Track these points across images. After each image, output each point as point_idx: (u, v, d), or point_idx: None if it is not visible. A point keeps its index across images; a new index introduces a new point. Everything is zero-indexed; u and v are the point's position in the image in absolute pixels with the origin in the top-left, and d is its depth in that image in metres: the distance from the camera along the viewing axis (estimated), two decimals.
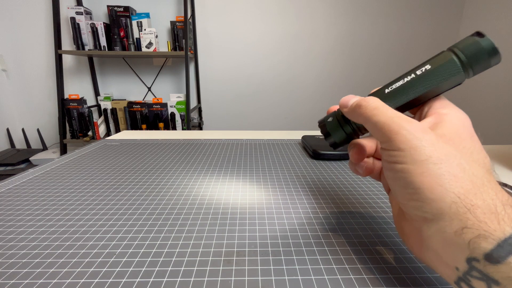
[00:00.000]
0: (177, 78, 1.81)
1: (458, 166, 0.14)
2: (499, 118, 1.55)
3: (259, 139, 0.55)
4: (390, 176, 0.16)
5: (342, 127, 0.20)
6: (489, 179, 0.14)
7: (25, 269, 0.18)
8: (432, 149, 0.14)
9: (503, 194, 0.13)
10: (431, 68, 0.16)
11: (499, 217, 0.13)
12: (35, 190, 0.31)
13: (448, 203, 0.13)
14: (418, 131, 0.15)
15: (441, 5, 1.75)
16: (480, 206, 0.13)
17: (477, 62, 0.15)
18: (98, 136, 1.65)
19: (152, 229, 0.23)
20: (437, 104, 0.17)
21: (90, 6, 1.62)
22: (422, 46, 1.83)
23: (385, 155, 0.16)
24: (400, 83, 0.17)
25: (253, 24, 1.73)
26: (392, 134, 0.15)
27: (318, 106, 1.94)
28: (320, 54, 1.82)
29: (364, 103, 0.17)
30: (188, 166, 0.39)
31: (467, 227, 0.13)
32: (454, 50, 0.16)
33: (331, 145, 0.21)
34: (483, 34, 0.15)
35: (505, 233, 0.12)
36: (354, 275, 0.18)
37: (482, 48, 0.15)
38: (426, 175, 0.14)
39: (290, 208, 0.27)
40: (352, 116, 0.18)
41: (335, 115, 0.20)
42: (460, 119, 0.16)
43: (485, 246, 0.12)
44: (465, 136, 0.15)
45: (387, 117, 0.16)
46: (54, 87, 1.64)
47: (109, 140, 0.54)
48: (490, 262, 0.12)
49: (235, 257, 0.20)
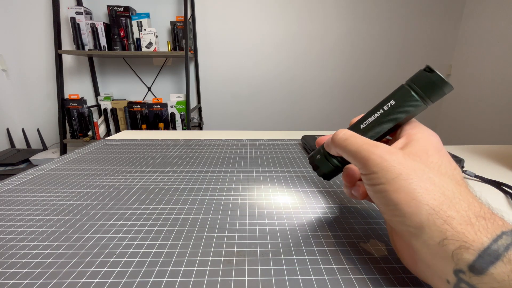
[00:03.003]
0: (177, 78, 1.81)
1: (427, 180, 0.15)
2: (499, 118, 1.55)
3: (259, 139, 0.55)
4: (372, 196, 0.17)
5: (328, 161, 0.22)
6: (460, 191, 0.15)
7: (25, 269, 0.18)
8: (400, 167, 0.15)
9: (475, 205, 0.14)
10: (395, 104, 0.19)
11: (474, 228, 0.13)
12: (35, 190, 0.31)
13: (425, 215, 0.14)
14: (385, 154, 0.16)
15: (441, 6, 1.75)
16: (455, 217, 0.14)
17: (433, 94, 0.18)
18: (98, 136, 1.65)
19: (152, 229, 0.23)
20: (408, 127, 0.19)
21: (90, 6, 1.62)
22: (422, 46, 1.83)
23: (364, 178, 0.18)
24: (372, 119, 0.20)
25: (253, 24, 1.73)
26: (363, 160, 0.17)
27: (318, 106, 1.94)
28: (320, 54, 1.82)
29: (335, 137, 0.19)
30: (188, 166, 0.39)
31: (447, 238, 0.13)
32: (411, 86, 0.18)
33: (322, 177, 0.23)
34: (433, 69, 0.17)
35: (483, 244, 0.12)
36: (354, 275, 0.18)
37: (434, 82, 0.17)
38: (400, 191, 0.15)
39: (290, 208, 0.27)
40: (330, 149, 0.21)
41: (321, 151, 0.23)
42: (427, 137, 0.18)
43: (467, 257, 0.13)
44: (432, 152, 0.16)
45: (357, 145, 0.18)
46: (54, 87, 1.64)
47: (109, 140, 0.54)
48: (474, 274, 0.12)
49: (235, 257, 0.20)
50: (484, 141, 1.62)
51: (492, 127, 1.59)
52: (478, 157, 0.45)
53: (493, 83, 1.57)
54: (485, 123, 1.63)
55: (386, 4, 1.74)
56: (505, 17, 1.50)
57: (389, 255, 0.20)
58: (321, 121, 1.96)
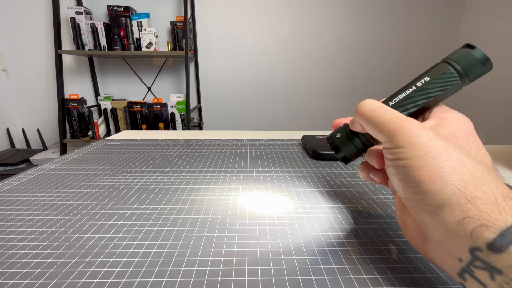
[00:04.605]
0: (177, 78, 1.81)
1: (457, 160, 0.14)
2: (499, 118, 1.55)
3: (259, 139, 0.55)
4: (392, 172, 0.17)
5: (351, 140, 0.21)
6: (490, 173, 0.14)
7: (25, 269, 0.18)
8: (430, 144, 0.15)
9: (504, 188, 0.14)
10: (430, 80, 0.17)
11: (500, 208, 0.13)
12: (35, 190, 0.31)
13: (449, 194, 0.14)
14: (416, 129, 0.16)
15: (441, 5, 1.75)
16: (480, 197, 0.13)
17: (472, 71, 0.17)
18: (98, 136, 1.66)
19: (152, 229, 0.23)
20: (437, 109, 0.18)
21: (90, 6, 1.62)
22: (422, 46, 1.83)
23: (387, 153, 0.17)
24: (402, 95, 0.18)
25: (253, 24, 1.73)
26: (391, 133, 0.16)
27: (318, 106, 1.94)
28: (320, 54, 1.82)
29: (361, 106, 0.18)
30: (188, 166, 0.39)
31: (469, 217, 0.13)
32: (449, 61, 0.17)
33: (342, 159, 0.22)
34: (474, 46, 0.16)
35: (506, 223, 0.12)
36: (354, 275, 0.18)
37: (475, 58, 0.16)
38: (426, 168, 0.14)
39: (290, 208, 0.27)
40: (353, 125, 0.19)
41: (343, 129, 0.21)
42: (458, 121, 0.17)
43: (488, 235, 0.12)
44: (462, 136, 0.16)
45: (386, 117, 0.17)
46: (54, 87, 1.64)
47: (109, 140, 0.54)
48: (493, 251, 0.12)
49: (235, 257, 0.20)
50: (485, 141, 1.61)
51: (492, 127, 1.59)
52: None
53: (493, 83, 1.57)
54: (485, 123, 1.63)
55: (386, 4, 1.74)
56: (505, 17, 1.50)
57: (389, 255, 0.20)
58: (321, 121, 1.96)
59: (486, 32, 1.62)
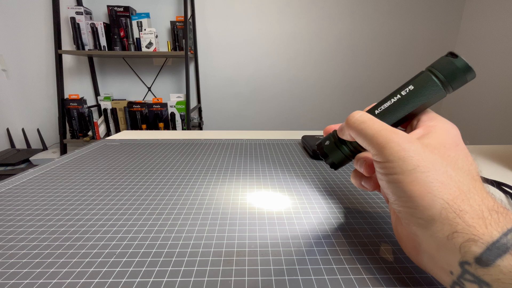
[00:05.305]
0: (177, 78, 1.81)
1: (444, 174, 0.15)
2: (499, 118, 1.55)
3: (259, 139, 0.55)
4: (384, 186, 0.17)
5: (339, 148, 0.21)
6: (475, 186, 0.15)
7: (25, 269, 0.18)
8: (419, 159, 0.15)
9: (489, 200, 0.14)
10: (414, 89, 0.18)
11: (486, 222, 0.13)
12: (35, 190, 0.31)
13: (438, 209, 0.14)
14: (404, 142, 0.16)
15: (441, 5, 1.75)
16: (468, 211, 0.14)
17: (455, 80, 0.17)
18: (98, 136, 1.65)
19: (152, 229, 0.23)
20: (425, 117, 0.18)
21: (90, 6, 1.62)
22: (422, 46, 1.83)
23: (377, 166, 0.17)
24: (388, 104, 0.19)
25: (253, 24, 1.73)
26: (380, 146, 0.16)
27: (318, 106, 1.94)
28: (320, 53, 1.82)
29: (351, 118, 0.18)
30: (188, 166, 0.39)
31: (457, 231, 0.13)
32: (432, 70, 0.17)
33: (330, 165, 0.22)
34: (456, 55, 0.17)
35: (492, 237, 0.13)
36: (354, 275, 0.18)
37: (457, 67, 0.17)
38: (415, 183, 0.15)
39: (290, 208, 0.27)
40: (342, 133, 0.20)
41: (331, 136, 0.22)
42: (446, 130, 0.17)
43: (475, 250, 0.13)
44: (450, 145, 0.16)
45: (375, 130, 0.17)
46: (54, 87, 1.64)
47: (109, 140, 0.54)
48: (481, 265, 0.12)
49: (235, 257, 0.20)
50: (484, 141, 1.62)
51: (492, 127, 1.59)
52: (478, 157, 0.45)
53: (493, 83, 1.57)
54: (485, 123, 1.63)
55: (386, 4, 1.74)
56: (505, 17, 1.50)
57: (389, 255, 0.20)
58: (321, 121, 1.96)
59: (486, 32, 1.62)
